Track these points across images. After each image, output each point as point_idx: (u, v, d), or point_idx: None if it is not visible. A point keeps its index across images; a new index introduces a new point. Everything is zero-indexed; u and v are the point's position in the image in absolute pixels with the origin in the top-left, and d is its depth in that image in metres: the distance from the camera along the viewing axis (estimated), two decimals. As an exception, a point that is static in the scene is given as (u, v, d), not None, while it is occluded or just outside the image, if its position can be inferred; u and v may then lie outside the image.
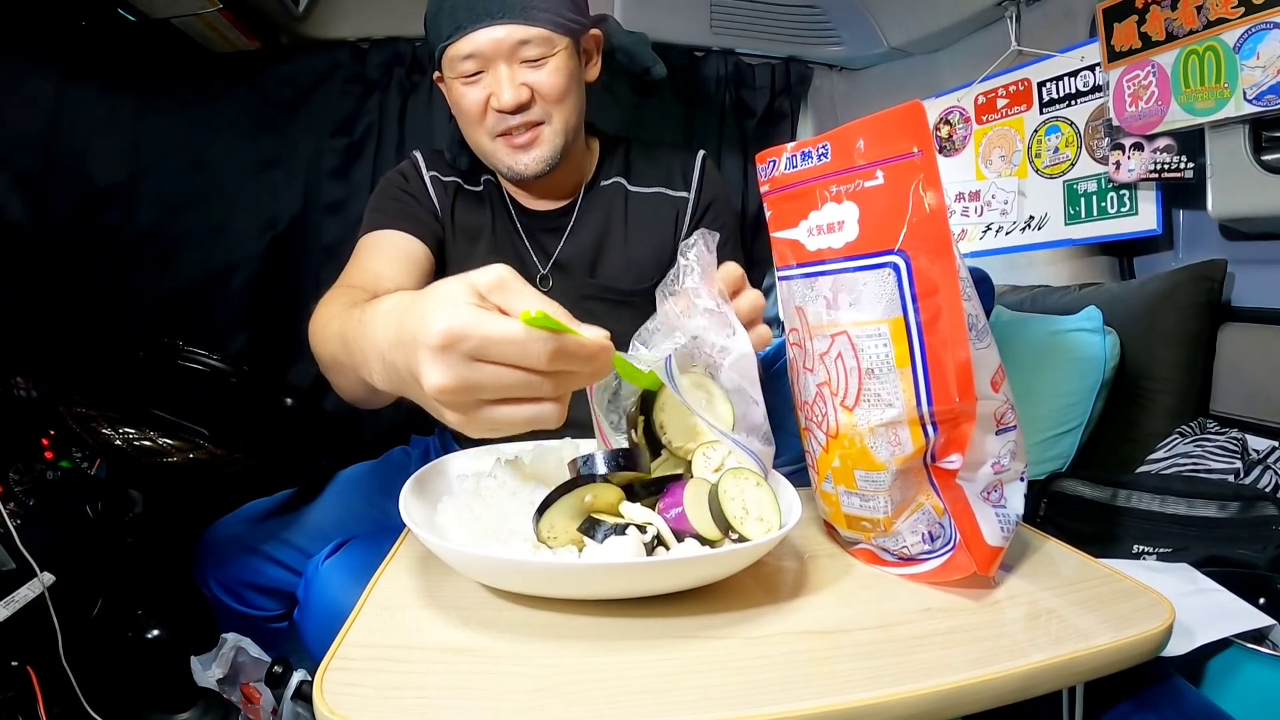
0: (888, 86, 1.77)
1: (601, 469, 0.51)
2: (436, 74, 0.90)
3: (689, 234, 0.97)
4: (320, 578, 0.68)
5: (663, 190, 0.98)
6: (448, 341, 0.38)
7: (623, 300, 0.95)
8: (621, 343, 0.52)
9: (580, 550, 0.50)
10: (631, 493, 0.54)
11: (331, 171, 1.51)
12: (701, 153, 1.00)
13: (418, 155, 0.99)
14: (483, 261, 1.02)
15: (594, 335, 0.41)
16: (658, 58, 1.01)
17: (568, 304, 0.86)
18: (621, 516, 0.52)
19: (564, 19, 0.83)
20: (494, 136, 0.86)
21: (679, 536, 0.51)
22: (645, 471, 0.52)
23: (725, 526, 0.50)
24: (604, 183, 0.97)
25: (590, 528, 0.49)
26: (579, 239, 0.95)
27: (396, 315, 0.44)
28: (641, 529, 0.49)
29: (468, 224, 0.96)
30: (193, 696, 0.90)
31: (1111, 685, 0.50)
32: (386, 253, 0.89)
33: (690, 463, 0.57)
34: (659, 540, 0.50)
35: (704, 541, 0.51)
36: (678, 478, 0.55)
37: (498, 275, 0.41)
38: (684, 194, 0.97)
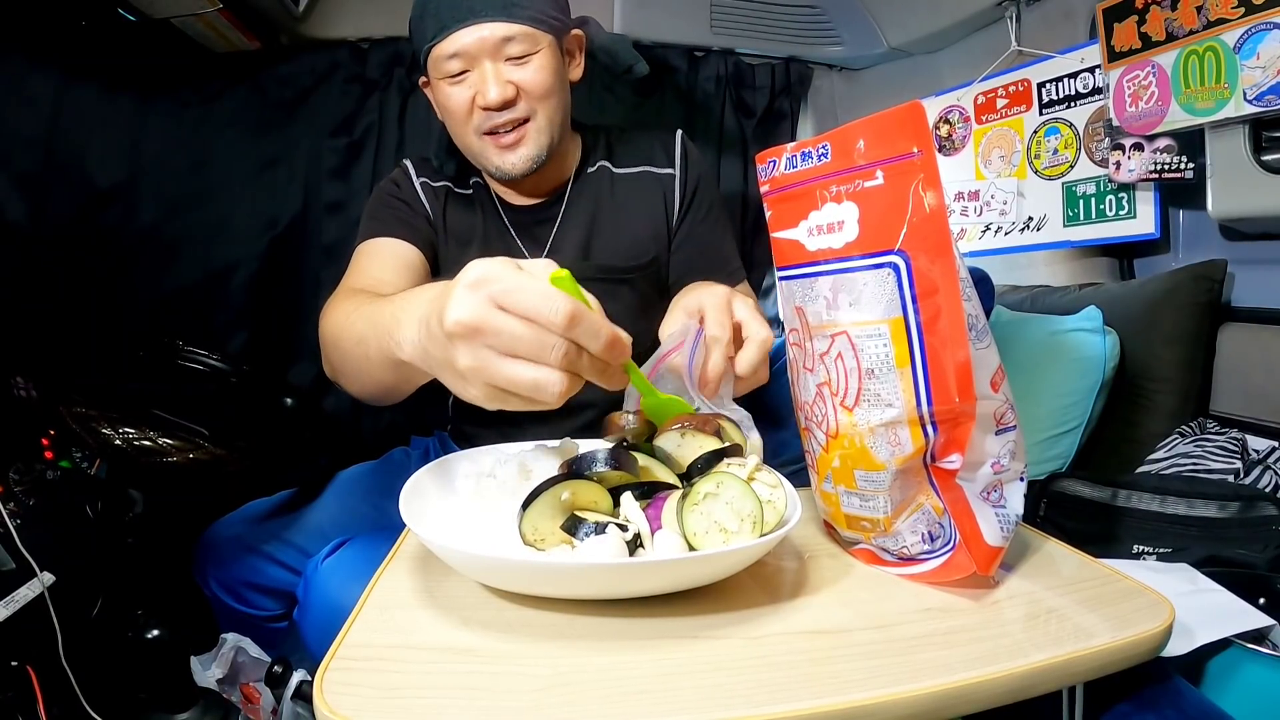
0: (888, 86, 1.77)
1: (588, 468, 0.51)
2: (423, 79, 0.91)
3: (681, 210, 0.98)
4: (320, 577, 0.68)
5: (648, 168, 0.99)
6: (478, 280, 0.42)
7: (620, 279, 0.96)
8: (620, 321, 0.52)
9: (573, 549, 0.50)
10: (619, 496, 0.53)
11: (331, 171, 1.51)
12: (679, 131, 1.01)
13: (407, 163, 1.00)
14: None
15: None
16: (639, 56, 1.03)
17: None
18: (605, 513, 0.51)
19: (547, 16, 0.85)
20: (480, 134, 0.87)
21: None
22: (635, 475, 0.52)
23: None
24: (589, 170, 0.99)
25: (572, 526, 0.49)
26: (570, 225, 0.96)
27: (440, 285, 0.48)
28: (622, 527, 0.49)
29: (460, 227, 0.97)
30: (193, 696, 0.90)
31: (1111, 685, 0.50)
32: (385, 260, 0.90)
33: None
34: (639, 540, 0.50)
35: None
36: (670, 487, 0.54)
37: (544, 260, 0.46)
38: (669, 170, 0.99)
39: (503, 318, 0.42)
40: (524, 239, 0.97)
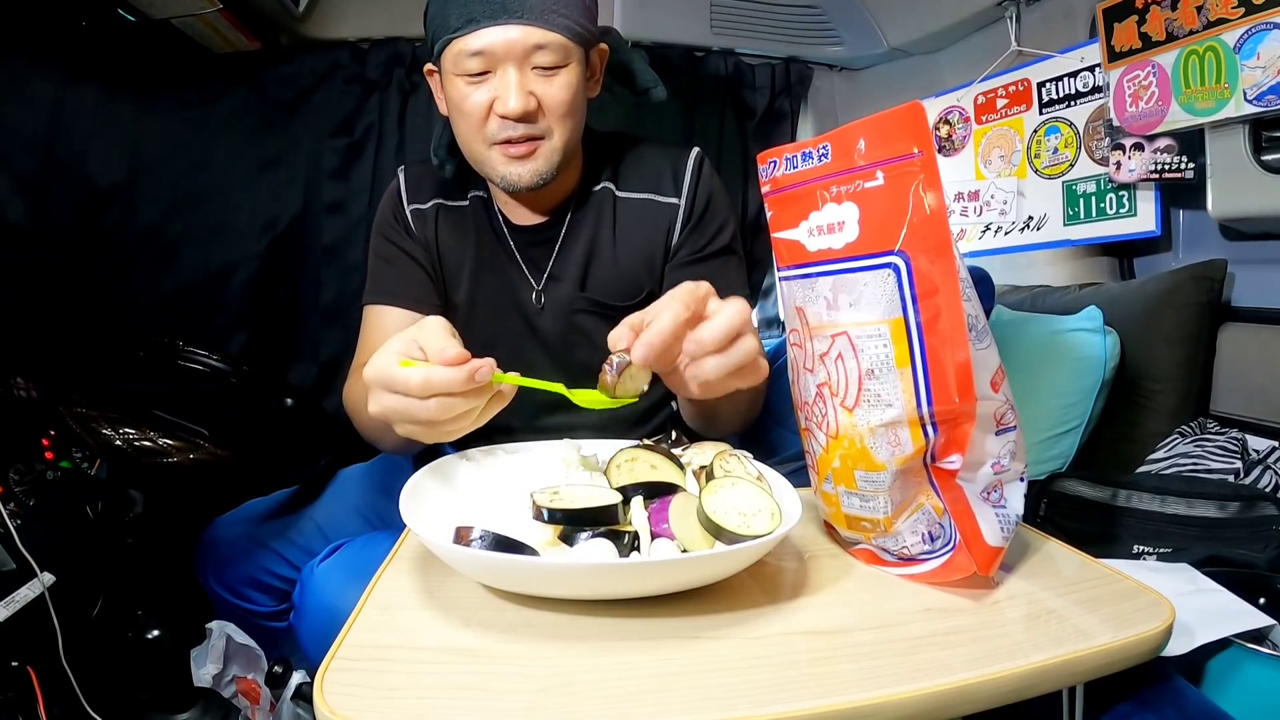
0: (888, 86, 1.77)
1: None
2: (429, 67, 0.84)
3: (680, 241, 0.90)
4: (315, 581, 0.68)
5: (651, 196, 0.90)
6: (371, 378, 0.55)
7: (613, 315, 0.88)
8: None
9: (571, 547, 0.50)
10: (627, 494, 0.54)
11: (331, 172, 1.51)
12: (694, 151, 0.92)
13: (400, 179, 0.93)
14: (470, 281, 0.92)
15: (468, 367, 0.53)
16: (658, 79, 0.95)
17: (558, 321, 0.85)
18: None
19: (581, 28, 0.78)
20: (491, 144, 0.80)
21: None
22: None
23: (733, 540, 0.49)
24: (593, 189, 0.91)
25: (570, 532, 0.50)
26: (570, 251, 0.90)
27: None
28: (620, 534, 0.49)
29: (452, 245, 0.91)
30: (193, 697, 0.90)
31: (1111, 685, 0.50)
32: (390, 335, 0.86)
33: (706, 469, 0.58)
34: (636, 541, 0.50)
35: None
36: (676, 488, 0.54)
37: (420, 323, 0.57)
38: (674, 200, 0.90)
39: (392, 399, 0.54)
40: (525, 261, 0.90)
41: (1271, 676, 0.64)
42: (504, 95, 0.76)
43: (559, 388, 0.59)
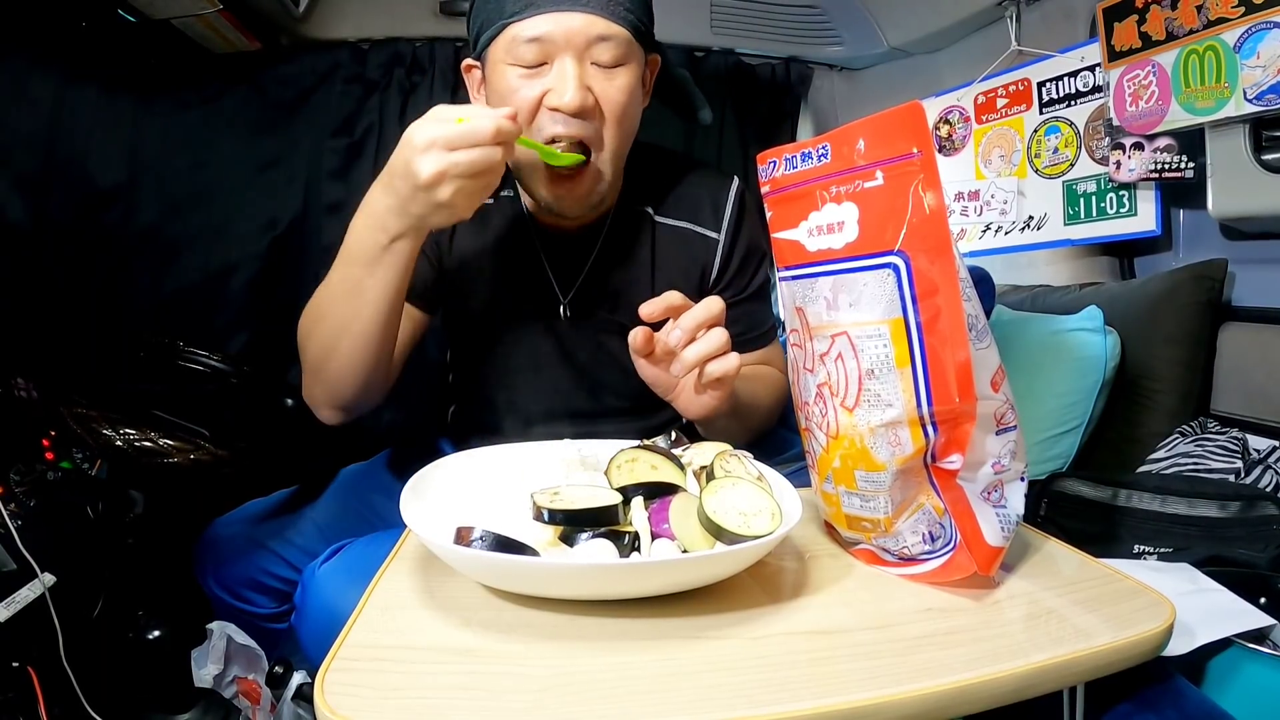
0: (888, 86, 1.77)
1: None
2: (468, 61, 0.80)
3: (719, 279, 0.87)
4: (316, 582, 0.68)
5: (691, 226, 0.87)
6: (427, 144, 0.62)
7: None
8: (635, 380, 0.65)
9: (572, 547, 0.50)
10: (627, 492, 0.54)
11: (331, 172, 1.51)
12: (735, 184, 0.89)
13: None
14: (491, 287, 0.89)
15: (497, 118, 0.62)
16: (705, 100, 0.91)
17: (585, 338, 0.83)
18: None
19: (644, 26, 0.74)
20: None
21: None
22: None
23: (733, 540, 0.49)
24: (630, 209, 0.87)
25: (570, 534, 0.50)
26: (602, 270, 0.86)
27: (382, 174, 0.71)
28: (620, 534, 0.49)
29: (471, 246, 0.87)
30: (193, 697, 0.90)
31: (1112, 685, 0.50)
32: None
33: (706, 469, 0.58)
34: (636, 541, 0.50)
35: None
36: (676, 488, 0.55)
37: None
38: (714, 234, 0.87)
39: (456, 155, 0.62)
40: (554, 273, 0.87)
41: (1272, 676, 0.64)
42: (560, 88, 0.71)
43: (538, 145, 0.70)
